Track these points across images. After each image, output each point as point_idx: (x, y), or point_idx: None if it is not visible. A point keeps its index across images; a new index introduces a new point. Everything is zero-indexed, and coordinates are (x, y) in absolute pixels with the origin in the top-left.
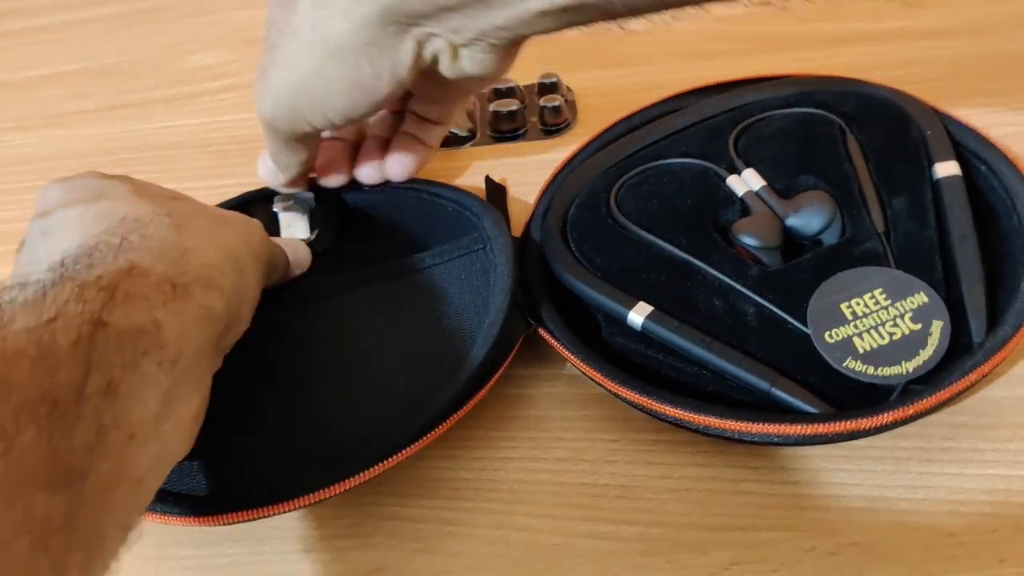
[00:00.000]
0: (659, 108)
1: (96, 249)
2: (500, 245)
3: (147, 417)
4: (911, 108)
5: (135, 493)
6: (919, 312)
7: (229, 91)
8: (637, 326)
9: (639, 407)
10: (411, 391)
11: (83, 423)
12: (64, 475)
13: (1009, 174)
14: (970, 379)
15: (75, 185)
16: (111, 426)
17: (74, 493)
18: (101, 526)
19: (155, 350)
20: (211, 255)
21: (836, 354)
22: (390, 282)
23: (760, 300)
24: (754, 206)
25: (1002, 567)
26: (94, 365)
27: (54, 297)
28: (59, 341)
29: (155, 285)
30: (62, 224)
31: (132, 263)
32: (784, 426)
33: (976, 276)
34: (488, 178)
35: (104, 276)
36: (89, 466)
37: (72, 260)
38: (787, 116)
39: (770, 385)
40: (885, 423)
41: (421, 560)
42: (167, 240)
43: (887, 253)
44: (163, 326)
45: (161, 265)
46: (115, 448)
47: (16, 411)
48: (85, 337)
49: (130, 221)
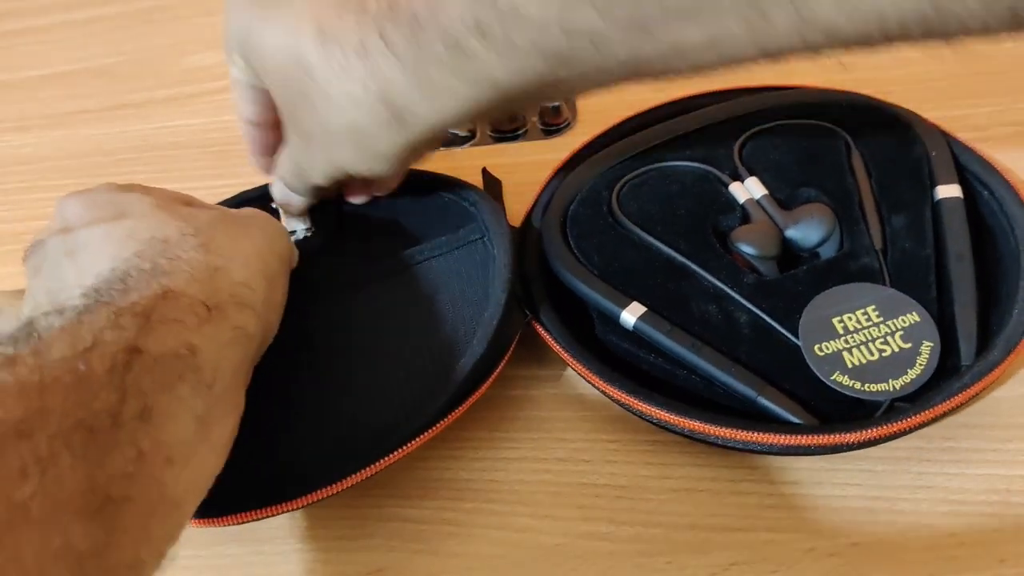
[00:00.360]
0: (666, 109)
1: (128, 274)
2: (499, 236)
3: (184, 441)
4: (917, 127)
5: (173, 517)
6: (910, 331)
7: (229, 91)
8: (629, 326)
9: (625, 406)
10: (411, 387)
11: (120, 449)
12: (101, 503)
13: (1010, 199)
14: (956, 401)
15: (95, 200)
16: (148, 452)
17: (112, 521)
18: (139, 553)
19: (190, 374)
20: (240, 272)
21: (825, 367)
22: (388, 278)
23: (753, 308)
24: (755, 214)
25: (1002, 567)
26: (129, 391)
27: (90, 324)
28: (95, 368)
29: (188, 308)
30: (87, 244)
31: (165, 288)
32: (767, 435)
33: (969, 298)
34: (485, 170)
35: (139, 302)
36: (128, 494)
37: (106, 285)
38: (793, 127)
39: (756, 394)
40: (868, 439)
41: (421, 561)
42: (196, 261)
43: (882, 270)
44: (198, 350)
45: (193, 288)
46: (153, 473)
47: (52, 439)
48: (120, 364)
49: (158, 243)
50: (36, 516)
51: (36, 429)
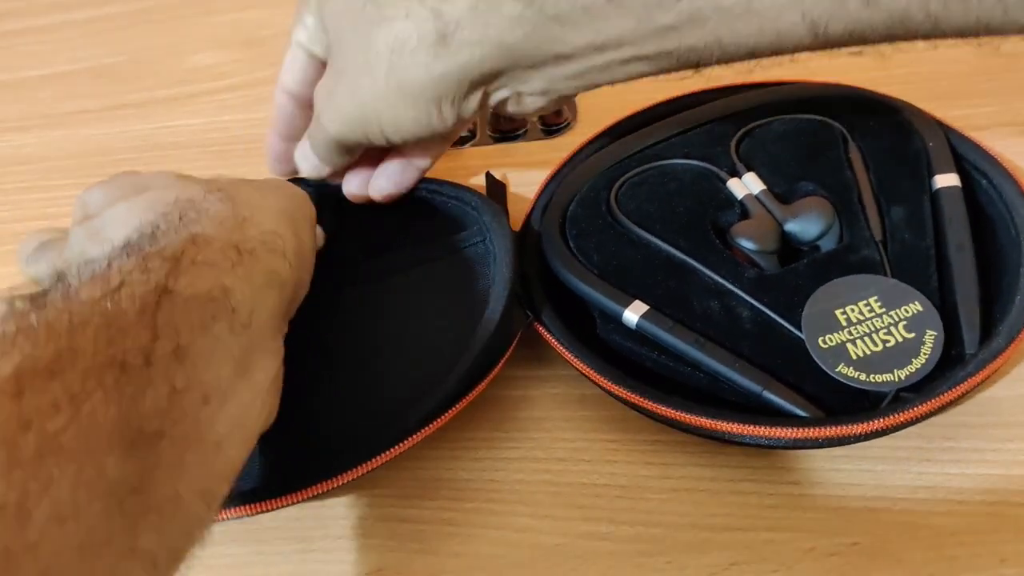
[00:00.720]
0: (662, 108)
1: (157, 227)
2: (500, 238)
3: (221, 380)
4: (914, 118)
5: (214, 457)
6: (913, 321)
7: (229, 91)
8: (632, 324)
9: (632, 405)
10: (409, 385)
11: (153, 387)
12: (135, 437)
13: (1008, 188)
14: (961, 389)
15: (116, 184)
16: (183, 389)
17: (147, 455)
18: (177, 489)
19: (225, 314)
20: (269, 221)
21: (829, 359)
22: (389, 279)
23: (755, 303)
24: (753, 210)
25: (1002, 567)
26: (161, 330)
27: (118, 268)
28: (124, 309)
29: (220, 251)
30: (113, 219)
31: (194, 234)
32: (774, 429)
33: (971, 288)
34: (489, 174)
35: (168, 247)
36: (162, 428)
37: (136, 238)
38: (789, 121)
39: (762, 388)
40: (875, 429)
41: (421, 561)
42: (224, 211)
43: (883, 262)
44: (232, 290)
45: (223, 233)
46: (189, 411)
47: (84, 376)
48: (151, 304)
49: (184, 201)
50: (68, 447)
51: (67, 367)
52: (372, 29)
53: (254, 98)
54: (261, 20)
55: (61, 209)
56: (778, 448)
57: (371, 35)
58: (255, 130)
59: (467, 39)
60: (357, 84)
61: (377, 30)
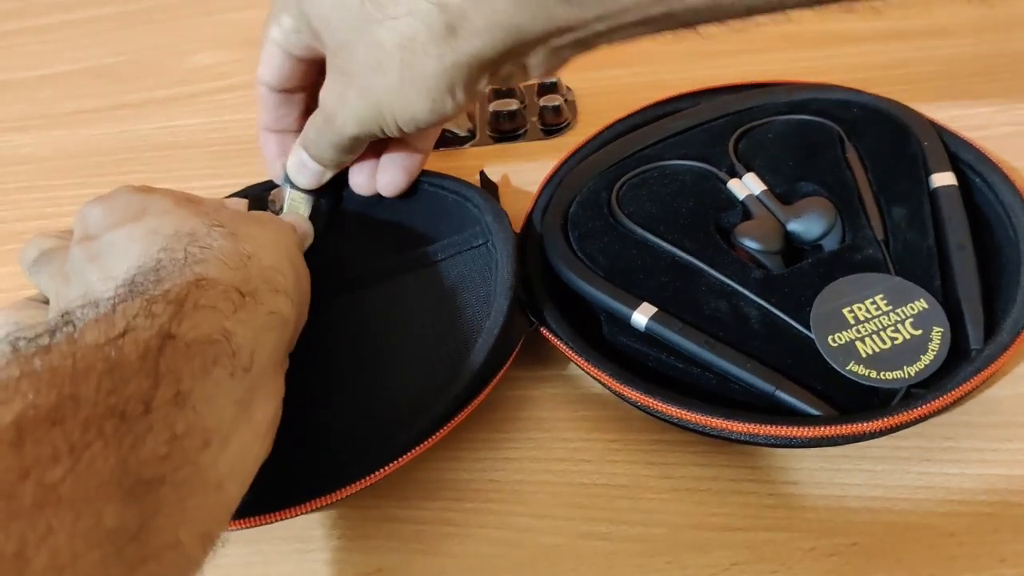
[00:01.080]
0: (659, 109)
1: (162, 264)
2: (502, 241)
3: (222, 424)
4: (909, 119)
5: (215, 499)
6: (919, 318)
7: (229, 91)
8: (641, 327)
9: (643, 407)
10: (414, 393)
11: (153, 434)
12: (134, 485)
13: (1003, 187)
14: (972, 384)
15: (115, 204)
16: (183, 435)
17: (147, 502)
18: (177, 534)
19: (226, 359)
20: (269, 258)
21: (839, 358)
22: (389, 281)
23: (763, 303)
24: (755, 210)
25: (1003, 567)
26: (163, 376)
27: (123, 312)
28: (127, 355)
29: (223, 294)
30: (112, 246)
31: (199, 275)
32: (790, 428)
33: (973, 284)
34: (483, 173)
35: (172, 290)
36: (162, 474)
37: (141, 276)
38: (787, 122)
39: (775, 388)
40: (891, 426)
41: (421, 561)
42: (227, 249)
43: (887, 260)
44: (233, 334)
45: (226, 275)
46: (189, 456)
47: (84, 426)
48: (154, 350)
49: (185, 235)
50: (67, 497)
51: (68, 416)
52: (376, 28)
53: (254, 98)
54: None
55: (61, 209)
56: (793, 447)
57: (376, 34)
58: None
59: (476, 27)
60: (369, 84)
61: (382, 29)
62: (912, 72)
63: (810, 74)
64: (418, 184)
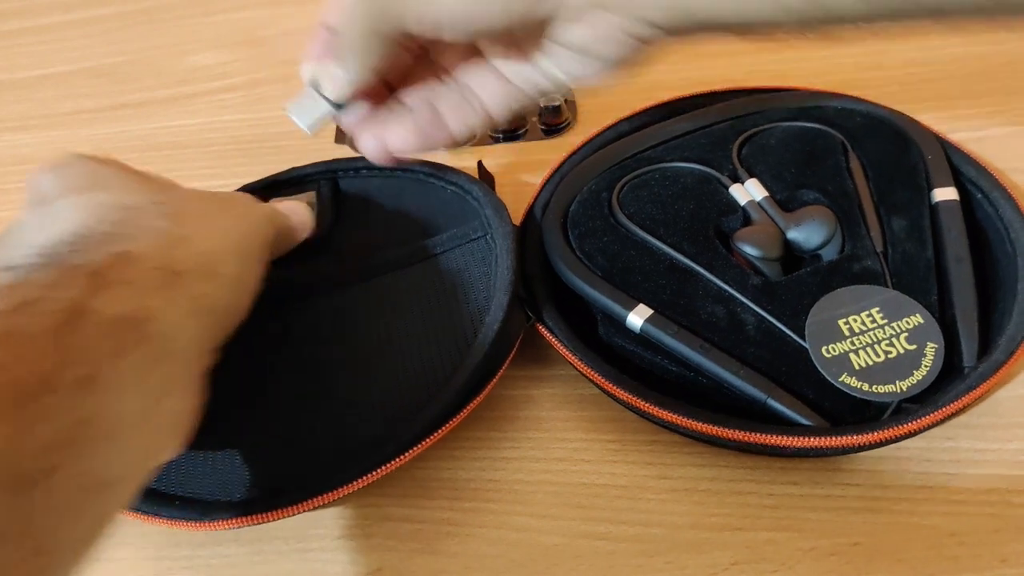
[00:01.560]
0: (661, 110)
1: (87, 237)
2: (501, 236)
3: (130, 414)
4: (912, 131)
5: (105, 497)
6: (914, 333)
7: (229, 91)
8: (636, 328)
9: (633, 408)
10: (415, 388)
11: (52, 418)
12: (16, 479)
13: (1004, 202)
14: (964, 400)
15: (68, 172)
16: (86, 422)
17: (35, 493)
18: (59, 533)
19: (144, 341)
20: (211, 243)
21: (833, 369)
22: (390, 275)
23: (760, 310)
24: (756, 216)
25: (1003, 567)
26: (72, 355)
27: (35, 281)
28: (32, 326)
29: (146, 272)
30: (56, 214)
31: (123, 250)
32: (780, 437)
33: (970, 300)
34: (480, 164)
35: (92, 262)
36: (52, 467)
37: (62, 245)
38: (790, 129)
39: (767, 396)
40: (879, 440)
41: (420, 561)
42: (163, 228)
43: (884, 272)
44: (153, 316)
45: (153, 252)
46: (87, 447)
47: None
48: (63, 324)
49: (125, 209)
50: None
51: None
52: None
53: (254, 98)
54: (261, 20)
55: None
56: (782, 456)
57: None
58: (255, 130)
59: None
60: None
61: None
62: (913, 72)
63: (810, 74)
64: (414, 175)
